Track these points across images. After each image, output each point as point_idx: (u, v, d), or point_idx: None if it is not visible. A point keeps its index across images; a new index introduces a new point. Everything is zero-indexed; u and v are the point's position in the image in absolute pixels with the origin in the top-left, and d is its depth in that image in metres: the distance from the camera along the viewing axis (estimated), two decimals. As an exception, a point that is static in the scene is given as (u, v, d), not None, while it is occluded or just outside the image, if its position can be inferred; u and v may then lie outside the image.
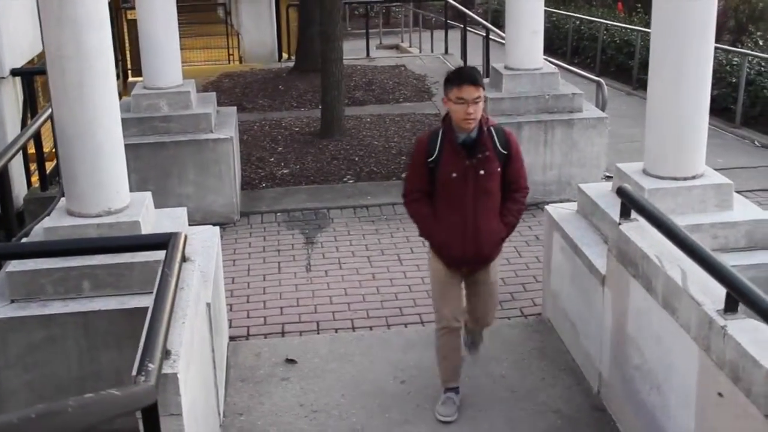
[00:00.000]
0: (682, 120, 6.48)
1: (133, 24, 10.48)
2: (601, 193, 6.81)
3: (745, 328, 4.46)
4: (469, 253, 5.63)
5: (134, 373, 3.92)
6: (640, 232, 5.73)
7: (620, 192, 6.09)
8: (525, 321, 7.60)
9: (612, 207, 6.27)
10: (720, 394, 4.60)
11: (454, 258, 5.69)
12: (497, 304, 6.42)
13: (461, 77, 5.43)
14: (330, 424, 6.15)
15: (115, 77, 6.04)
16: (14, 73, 10.50)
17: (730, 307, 4.62)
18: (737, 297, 4.57)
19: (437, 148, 5.48)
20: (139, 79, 9.95)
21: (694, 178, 6.49)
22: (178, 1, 9.97)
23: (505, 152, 5.53)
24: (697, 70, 6.39)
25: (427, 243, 5.95)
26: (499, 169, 5.52)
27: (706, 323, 4.70)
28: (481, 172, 5.44)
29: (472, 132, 5.46)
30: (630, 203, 5.96)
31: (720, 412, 4.60)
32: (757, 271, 5.16)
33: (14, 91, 10.60)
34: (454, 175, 5.45)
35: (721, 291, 4.69)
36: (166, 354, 4.33)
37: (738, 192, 6.76)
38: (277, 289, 8.33)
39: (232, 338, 7.27)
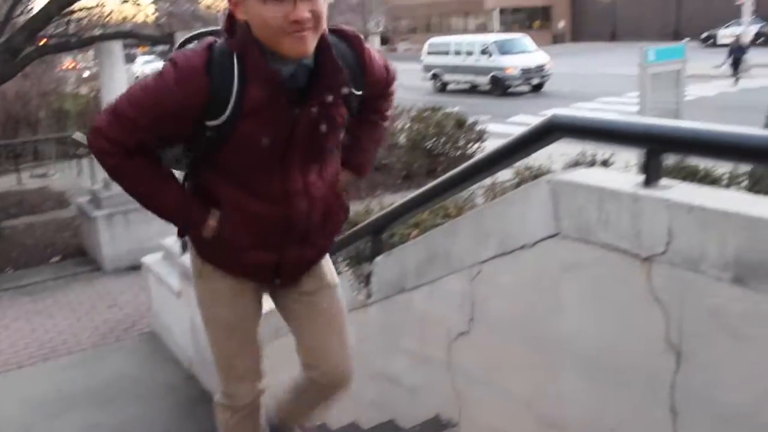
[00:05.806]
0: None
1: None
2: (171, 243, 6.66)
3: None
4: (291, 256, 2.26)
5: None
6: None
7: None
8: (140, 336, 7.58)
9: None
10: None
11: (259, 267, 2.27)
12: (350, 335, 2.51)
13: None
14: None
15: None
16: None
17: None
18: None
19: (234, 96, 1.90)
20: None
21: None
22: None
23: (359, 71, 2.12)
24: None
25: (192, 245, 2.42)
26: (347, 114, 2.14)
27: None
28: (323, 127, 2.06)
29: (306, 57, 1.97)
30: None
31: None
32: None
33: None
34: (266, 141, 1.99)
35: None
36: None
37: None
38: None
39: None
